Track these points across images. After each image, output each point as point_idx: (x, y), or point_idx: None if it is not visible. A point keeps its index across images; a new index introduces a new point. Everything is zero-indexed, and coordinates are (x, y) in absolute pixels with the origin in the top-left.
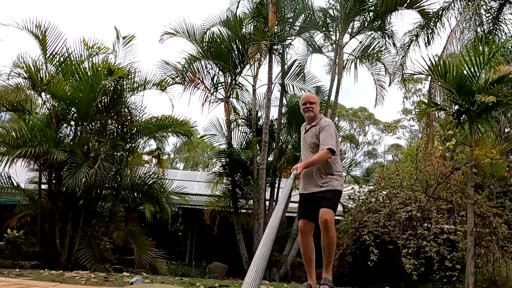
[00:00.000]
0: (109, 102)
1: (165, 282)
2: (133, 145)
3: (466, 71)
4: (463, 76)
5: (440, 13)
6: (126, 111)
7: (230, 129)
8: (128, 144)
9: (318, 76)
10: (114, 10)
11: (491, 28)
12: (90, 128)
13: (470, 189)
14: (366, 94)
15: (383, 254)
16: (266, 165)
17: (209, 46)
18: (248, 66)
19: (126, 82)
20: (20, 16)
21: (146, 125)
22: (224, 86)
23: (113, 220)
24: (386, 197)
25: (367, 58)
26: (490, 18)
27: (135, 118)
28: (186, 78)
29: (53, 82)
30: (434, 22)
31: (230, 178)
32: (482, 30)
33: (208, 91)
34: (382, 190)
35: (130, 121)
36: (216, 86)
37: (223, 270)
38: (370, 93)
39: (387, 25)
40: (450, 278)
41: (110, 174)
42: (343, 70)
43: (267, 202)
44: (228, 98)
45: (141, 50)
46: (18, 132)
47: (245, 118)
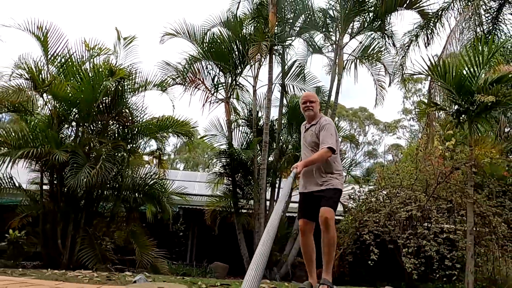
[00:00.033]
0: (110, 102)
1: (167, 281)
2: (134, 145)
3: (465, 71)
4: (463, 76)
5: (439, 13)
6: (127, 112)
7: (231, 129)
8: (129, 144)
9: (318, 76)
10: (115, 11)
11: (491, 28)
12: (91, 128)
13: (470, 188)
14: (366, 94)
15: (384, 253)
16: (267, 165)
17: (209, 47)
18: (248, 66)
19: (127, 83)
20: (21, 17)
21: (147, 125)
22: (224, 87)
23: (114, 220)
24: (386, 196)
25: (367, 59)
26: (489, 18)
27: (136, 119)
28: (187, 78)
29: (54, 83)
30: (433, 22)
31: (230, 178)
32: (481, 30)
33: (208, 92)
34: (382, 189)
35: (131, 121)
36: (216, 86)
37: (224, 270)
38: (370, 93)
39: (387, 25)
40: (450, 277)
41: (111, 175)
42: (343, 70)
43: (268, 202)
44: (228, 98)
45: (142, 51)
46: (20, 132)
47: (245, 118)
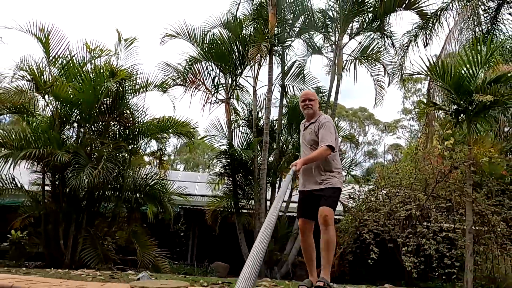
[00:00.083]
0: (111, 103)
1: (169, 279)
2: (135, 146)
3: (464, 71)
4: (461, 76)
5: (438, 13)
6: (128, 113)
7: (231, 129)
8: (130, 145)
9: (318, 76)
10: (116, 12)
11: (489, 28)
12: (93, 129)
13: (469, 187)
14: (366, 94)
15: (383, 252)
16: (267, 165)
17: (209, 48)
18: (248, 67)
19: (128, 84)
20: (22, 18)
21: (148, 126)
22: (224, 87)
23: (116, 220)
24: (386, 196)
25: (366, 59)
26: (488, 18)
27: (137, 120)
28: (187, 79)
29: (56, 84)
30: (432, 22)
31: (231, 179)
32: (480, 30)
33: (209, 92)
34: (382, 189)
35: (132, 122)
36: (216, 87)
37: (225, 269)
38: (370, 93)
39: (386, 26)
40: (450, 276)
41: (113, 175)
42: (343, 70)
43: (268, 202)
44: (228, 99)
45: (142, 52)
46: (22, 133)
47: (245, 118)
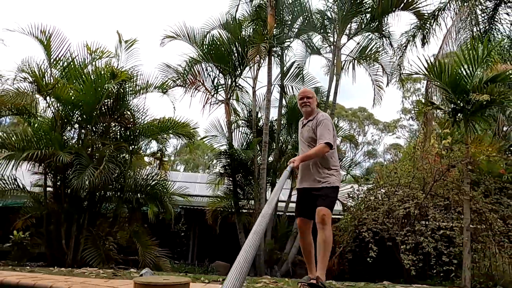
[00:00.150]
0: (112, 105)
1: (171, 275)
2: (136, 147)
3: (460, 71)
4: (458, 75)
5: (436, 13)
6: (129, 114)
7: (231, 130)
8: (131, 146)
9: (317, 77)
10: (117, 14)
11: (487, 27)
12: (94, 130)
13: (466, 185)
14: (365, 95)
15: (382, 250)
16: (267, 165)
17: (209, 49)
18: (247, 68)
19: (128, 85)
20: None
21: (149, 127)
22: (224, 88)
23: (117, 220)
24: (385, 194)
25: (365, 59)
26: (485, 18)
27: (138, 121)
28: (187, 80)
29: (57, 86)
30: (430, 22)
31: (231, 179)
32: (478, 30)
33: (208, 93)
34: (380, 188)
35: (133, 123)
36: (216, 88)
37: (226, 268)
38: (369, 93)
39: (384, 26)
40: (448, 273)
41: (114, 176)
42: (341, 71)
43: None
44: (228, 99)
45: (143, 53)
46: (24, 135)
47: (245, 119)
